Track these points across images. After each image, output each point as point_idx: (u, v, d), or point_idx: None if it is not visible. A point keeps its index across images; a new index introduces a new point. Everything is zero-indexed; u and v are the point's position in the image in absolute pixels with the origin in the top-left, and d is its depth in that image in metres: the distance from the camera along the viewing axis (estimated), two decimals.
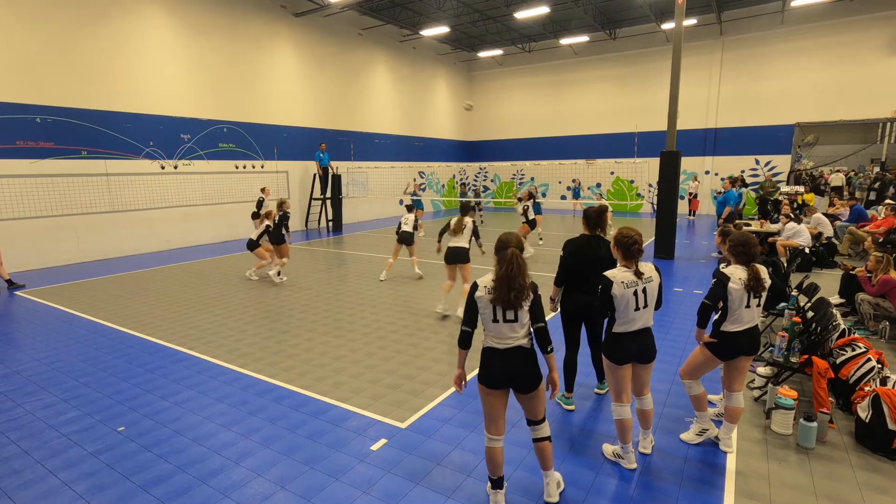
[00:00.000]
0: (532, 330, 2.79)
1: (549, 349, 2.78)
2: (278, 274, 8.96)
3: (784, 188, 14.30)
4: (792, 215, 9.90)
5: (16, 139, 10.03)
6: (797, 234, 9.32)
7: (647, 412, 3.47)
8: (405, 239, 8.78)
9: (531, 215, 11.29)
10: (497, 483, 2.93)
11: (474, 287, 2.80)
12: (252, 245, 8.99)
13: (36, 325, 6.68)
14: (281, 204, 9.08)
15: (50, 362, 5.37)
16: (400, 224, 8.84)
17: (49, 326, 6.62)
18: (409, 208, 9.21)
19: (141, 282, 9.22)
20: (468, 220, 6.83)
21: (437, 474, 3.30)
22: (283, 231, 8.93)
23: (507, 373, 2.77)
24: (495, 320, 2.75)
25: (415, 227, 8.88)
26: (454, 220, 6.78)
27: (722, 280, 3.36)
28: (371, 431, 3.83)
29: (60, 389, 4.69)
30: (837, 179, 16.35)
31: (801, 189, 10.62)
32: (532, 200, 11.47)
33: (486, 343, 2.84)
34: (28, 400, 4.50)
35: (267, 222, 8.89)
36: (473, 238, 6.83)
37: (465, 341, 2.87)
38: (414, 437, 3.75)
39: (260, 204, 11.81)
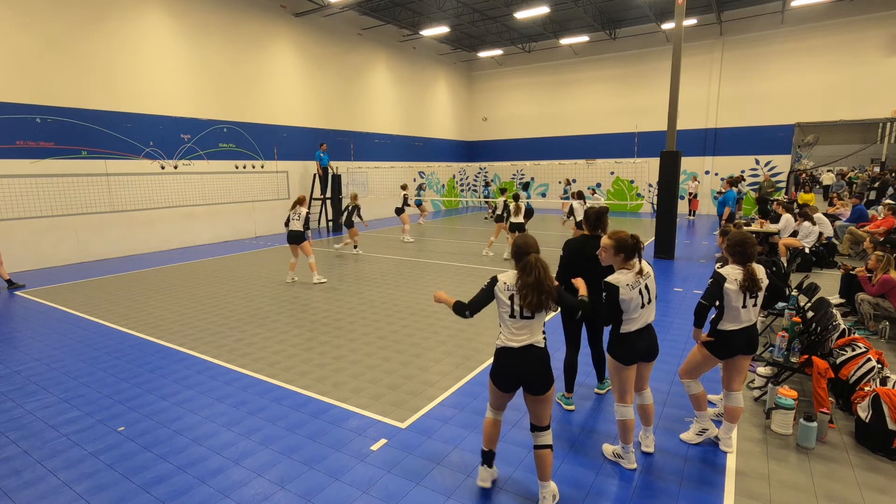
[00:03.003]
0: (574, 305, 2.92)
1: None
2: (354, 247, 11.73)
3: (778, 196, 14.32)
4: (810, 218, 9.63)
5: (16, 139, 10.03)
6: (808, 235, 9.29)
7: (648, 406, 3.47)
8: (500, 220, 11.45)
9: (579, 216, 10.46)
10: (487, 459, 3.07)
11: (493, 280, 2.88)
12: (297, 237, 8.71)
13: (36, 325, 6.68)
14: (354, 197, 11.34)
15: (50, 362, 5.37)
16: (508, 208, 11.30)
17: (49, 326, 6.62)
18: (502, 191, 12.86)
19: (141, 282, 9.22)
20: (521, 203, 10.27)
21: (437, 474, 3.30)
22: (357, 217, 11.24)
23: (520, 373, 2.83)
24: (513, 315, 2.82)
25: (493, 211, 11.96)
26: (513, 206, 10.22)
27: (718, 280, 3.36)
28: (371, 431, 3.83)
29: (60, 389, 4.69)
30: (829, 179, 16.41)
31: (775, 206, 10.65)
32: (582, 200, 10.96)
33: (500, 343, 2.90)
34: (28, 400, 4.50)
35: (304, 208, 8.78)
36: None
37: (461, 313, 2.96)
38: (414, 437, 3.75)
39: (405, 200, 14.30)
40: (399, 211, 14.01)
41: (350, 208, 11.26)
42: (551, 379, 2.85)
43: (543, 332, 2.89)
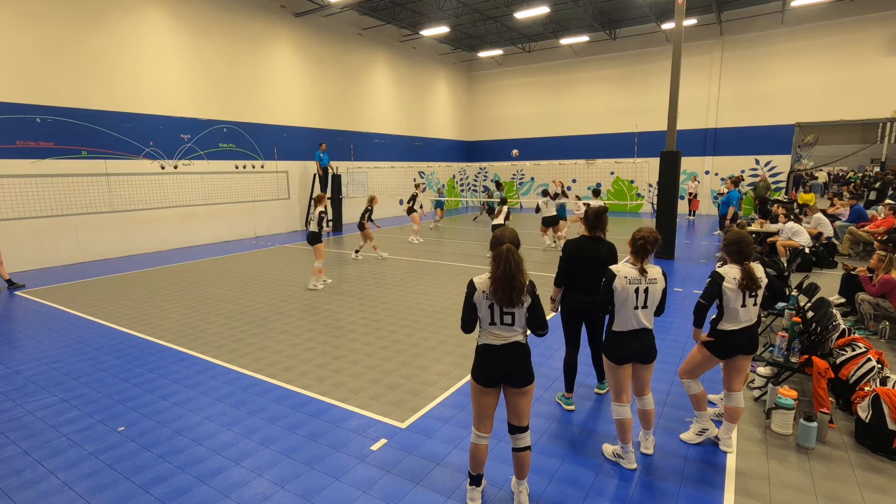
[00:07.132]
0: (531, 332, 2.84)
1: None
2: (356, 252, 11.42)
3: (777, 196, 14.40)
4: (791, 216, 9.91)
5: (16, 139, 10.03)
6: (797, 234, 9.33)
7: (649, 412, 3.47)
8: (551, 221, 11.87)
9: (545, 213, 11.99)
10: (476, 480, 2.97)
11: (472, 288, 2.75)
12: (310, 239, 8.57)
13: (36, 325, 6.68)
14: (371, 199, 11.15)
15: (50, 362, 5.37)
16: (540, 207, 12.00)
17: (49, 326, 6.62)
18: (545, 193, 12.27)
19: (141, 282, 9.22)
20: (505, 207, 10.83)
21: (437, 474, 3.30)
22: (368, 220, 11.11)
23: (504, 368, 2.76)
24: (492, 323, 2.75)
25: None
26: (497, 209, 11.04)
27: (716, 280, 3.38)
28: (371, 431, 3.83)
29: (60, 389, 4.69)
30: (822, 178, 16.46)
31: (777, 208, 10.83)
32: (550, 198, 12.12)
33: (482, 340, 2.82)
34: (28, 400, 4.49)
35: (320, 208, 8.52)
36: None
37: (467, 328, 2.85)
38: (414, 438, 3.75)
39: (414, 199, 14.05)
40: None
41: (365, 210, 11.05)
42: (533, 374, 2.82)
43: (526, 332, 2.81)
